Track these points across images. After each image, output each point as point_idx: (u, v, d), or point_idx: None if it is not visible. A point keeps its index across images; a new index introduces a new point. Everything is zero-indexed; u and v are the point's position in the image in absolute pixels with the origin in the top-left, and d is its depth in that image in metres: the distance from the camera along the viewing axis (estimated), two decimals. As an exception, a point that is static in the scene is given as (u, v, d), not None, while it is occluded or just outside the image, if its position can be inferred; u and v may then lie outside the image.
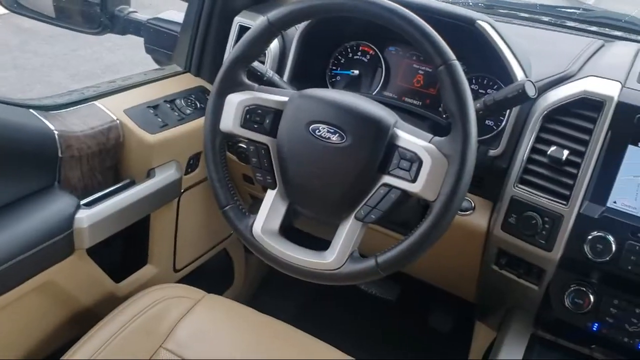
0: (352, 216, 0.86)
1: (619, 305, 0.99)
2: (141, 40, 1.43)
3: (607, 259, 0.95)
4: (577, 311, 1.01)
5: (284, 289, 1.85)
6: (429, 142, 0.84)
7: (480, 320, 1.43)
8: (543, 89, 1.04)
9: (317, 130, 0.87)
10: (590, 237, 0.96)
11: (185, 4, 1.37)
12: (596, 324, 1.02)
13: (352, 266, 0.87)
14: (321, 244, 0.91)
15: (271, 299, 1.85)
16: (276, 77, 1.08)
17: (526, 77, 1.03)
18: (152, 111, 1.24)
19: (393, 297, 1.84)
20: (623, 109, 0.95)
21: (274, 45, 1.23)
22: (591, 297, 1.00)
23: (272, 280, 1.89)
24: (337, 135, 0.85)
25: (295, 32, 1.19)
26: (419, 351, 1.72)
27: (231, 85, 0.93)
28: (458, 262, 1.24)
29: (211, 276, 1.66)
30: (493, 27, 1.04)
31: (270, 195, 0.92)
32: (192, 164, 1.34)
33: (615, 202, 0.96)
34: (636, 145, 0.94)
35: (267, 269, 1.84)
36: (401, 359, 1.68)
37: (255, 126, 0.92)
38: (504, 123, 1.08)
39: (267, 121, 0.91)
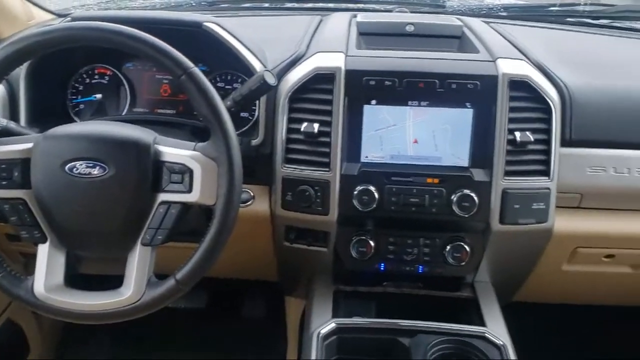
0: (138, 243, 0.85)
1: (395, 242, 1.14)
2: None
3: (375, 206, 1.08)
4: (364, 258, 1.14)
5: (91, 334, 1.73)
6: (194, 150, 0.86)
7: (289, 295, 1.51)
8: (281, 74, 1.13)
9: (75, 169, 0.83)
10: (356, 192, 1.08)
11: None
12: (382, 264, 1.16)
13: (153, 292, 0.86)
14: (116, 282, 0.88)
15: (81, 349, 1.72)
16: (12, 125, 1.00)
17: (264, 66, 1.10)
18: None
19: (202, 304, 1.85)
20: (351, 75, 1.07)
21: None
22: (371, 242, 1.13)
23: (75, 332, 1.76)
24: (97, 168, 0.83)
25: (20, 70, 1.10)
26: (239, 344, 1.76)
27: None
28: (253, 250, 1.29)
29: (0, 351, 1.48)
30: (220, 26, 1.08)
31: (43, 249, 0.86)
32: None
33: (367, 157, 1.10)
34: (369, 104, 1.08)
35: (65, 323, 1.70)
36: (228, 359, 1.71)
37: (4, 182, 0.84)
38: (257, 113, 1.15)
39: (16, 174, 0.84)
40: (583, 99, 1.10)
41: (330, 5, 1.56)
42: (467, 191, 1.06)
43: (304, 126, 1.07)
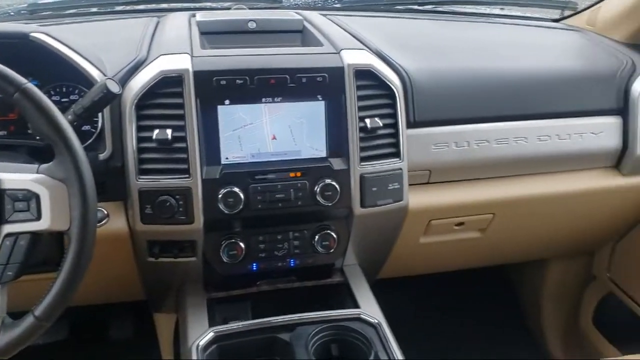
0: (-15, 283, 0.75)
1: (265, 240, 1.14)
2: None
3: (241, 207, 1.06)
4: (235, 261, 1.12)
5: None
6: (37, 172, 0.78)
7: (158, 311, 1.45)
8: (124, 80, 1.06)
9: None
10: (220, 195, 1.05)
11: None
12: (254, 264, 1.15)
13: (10, 334, 0.77)
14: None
15: None
16: None
17: (104, 75, 1.03)
18: None
19: (63, 335, 1.70)
20: (201, 76, 1.04)
21: None
22: (241, 244, 1.11)
23: None
24: None
25: None
26: None
27: None
28: (115, 271, 1.21)
29: None
30: (49, 35, 0.99)
31: None
32: None
33: (227, 158, 1.07)
34: (223, 104, 1.06)
35: None
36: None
37: None
38: (100, 124, 1.07)
39: None
40: (422, 83, 1.18)
41: (164, 5, 1.50)
42: (328, 180, 1.09)
43: (155, 133, 1.02)
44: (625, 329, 1.66)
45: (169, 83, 1.04)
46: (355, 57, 1.12)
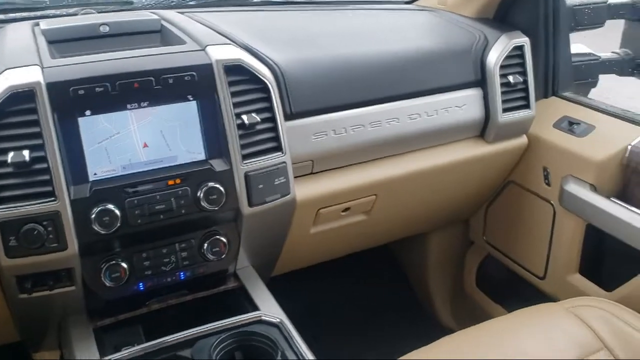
0: None
1: (149, 256, 1.06)
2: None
3: (119, 225, 0.98)
4: (120, 284, 1.04)
5: None
6: None
7: (38, 351, 1.31)
8: None
9: None
10: (93, 215, 0.96)
11: None
12: (141, 284, 1.08)
13: None
14: None
15: None
16: None
17: None
18: None
19: None
20: (55, 88, 0.94)
21: None
22: (124, 265, 1.03)
23: None
24: None
25: None
26: None
27: None
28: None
29: None
30: None
31: None
32: None
33: (96, 174, 0.99)
34: (84, 115, 0.97)
35: None
36: None
37: None
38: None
39: None
40: (294, 74, 1.17)
41: (1, 17, 1.35)
42: (211, 184, 1.04)
43: (10, 157, 0.91)
44: (506, 287, 1.78)
45: (19, 99, 0.93)
46: (222, 53, 1.08)
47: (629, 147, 1.33)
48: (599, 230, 1.38)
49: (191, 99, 1.04)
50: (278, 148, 1.11)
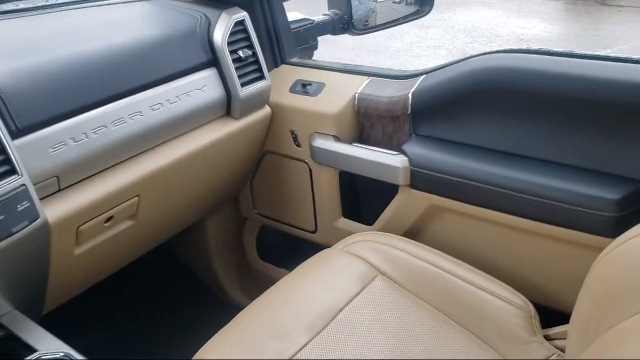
0: None
1: None
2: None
3: None
4: None
5: None
6: None
7: None
8: None
9: None
10: None
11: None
12: None
13: None
14: None
15: None
16: None
17: None
18: None
19: None
20: None
21: None
22: None
23: None
24: None
25: None
26: None
27: None
28: None
29: None
30: None
31: None
32: None
33: None
34: None
35: None
36: None
37: None
38: None
39: None
40: (11, 86, 1.04)
41: None
42: None
43: None
44: (286, 251, 1.88)
45: None
46: None
47: (356, 95, 1.48)
48: (350, 174, 1.52)
49: None
50: (12, 171, 0.98)
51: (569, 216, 1.19)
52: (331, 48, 5.68)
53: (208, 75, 1.39)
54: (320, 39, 1.80)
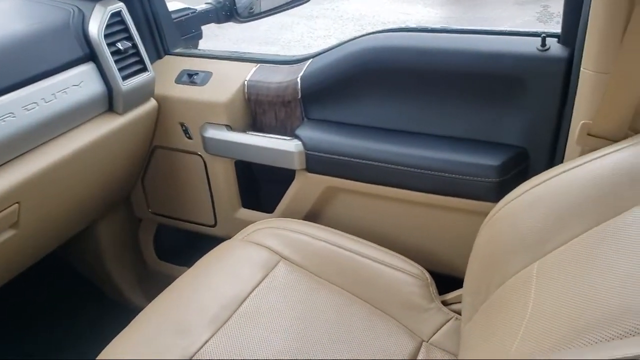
0: None
1: None
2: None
3: None
4: None
5: None
6: None
7: None
8: None
9: None
10: None
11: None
12: None
13: None
14: None
15: None
16: None
17: None
18: None
19: None
20: None
21: None
22: None
23: None
24: None
25: None
26: None
27: None
28: None
29: None
30: None
31: None
32: None
33: None
34: None
35: None
36: None
37: None
38: None
39: None
40: None
41: None
42: None
43: None
44: (186, 248, 1.83)
45: None
46: None
47: (246, 82, 1.46)
48: (247, 162, 1.50)
49: None
50: None
51: (456, 185, 1.25)
52: (220, 41, 5.59)
53: (85, 70, 1.31)
54: (209, 32, 1.76)
